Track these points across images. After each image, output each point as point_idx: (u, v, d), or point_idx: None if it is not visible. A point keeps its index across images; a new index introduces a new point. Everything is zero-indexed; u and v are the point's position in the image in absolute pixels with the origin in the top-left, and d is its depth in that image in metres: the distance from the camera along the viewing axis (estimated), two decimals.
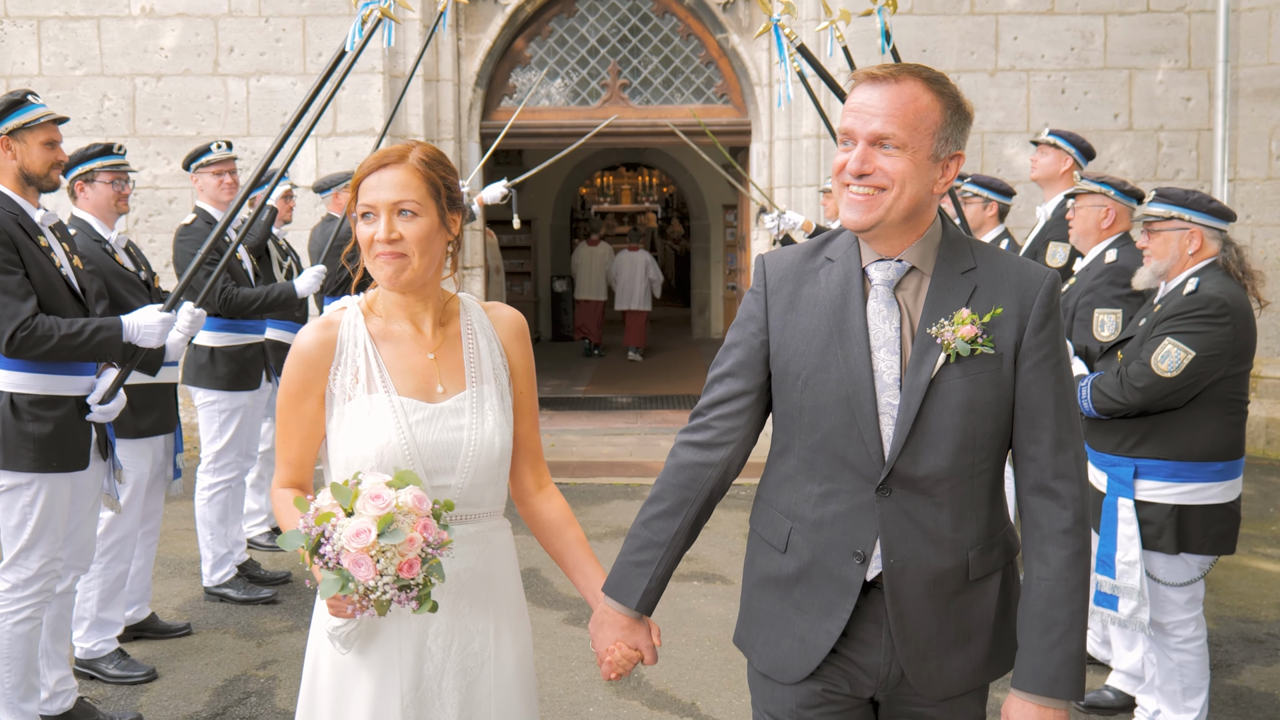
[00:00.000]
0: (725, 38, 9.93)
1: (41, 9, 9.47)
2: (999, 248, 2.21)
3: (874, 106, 2.10)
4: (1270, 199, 9.35)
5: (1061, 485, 2.17)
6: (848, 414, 2.17)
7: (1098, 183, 4.91)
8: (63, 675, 4.33)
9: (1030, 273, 2.19)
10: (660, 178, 25.05)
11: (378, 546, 2.04)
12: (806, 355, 2.22)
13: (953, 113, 2.13)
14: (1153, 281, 4.15)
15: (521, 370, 2.51)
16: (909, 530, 2.18)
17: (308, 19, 9.42)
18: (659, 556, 2.36)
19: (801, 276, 2.28)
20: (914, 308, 2.18)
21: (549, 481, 2.62)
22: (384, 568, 2.06)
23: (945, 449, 2.15)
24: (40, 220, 4.04)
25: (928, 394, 2.14)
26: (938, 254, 2.19)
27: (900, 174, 2.09)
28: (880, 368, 2.17)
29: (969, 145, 9.33)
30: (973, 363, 2.13)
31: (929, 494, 2.17)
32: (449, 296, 2.49)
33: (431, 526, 2.11)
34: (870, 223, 2.13)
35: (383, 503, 2.08)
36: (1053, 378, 2.16)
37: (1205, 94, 9.44)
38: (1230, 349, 3.90)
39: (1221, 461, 3.98)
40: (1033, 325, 2.15)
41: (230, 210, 4.19)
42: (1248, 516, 7.26)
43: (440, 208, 2.34)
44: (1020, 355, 2.16)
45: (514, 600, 2.49)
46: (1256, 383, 9.28)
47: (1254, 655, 5.10)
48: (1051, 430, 2.16)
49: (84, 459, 4.06)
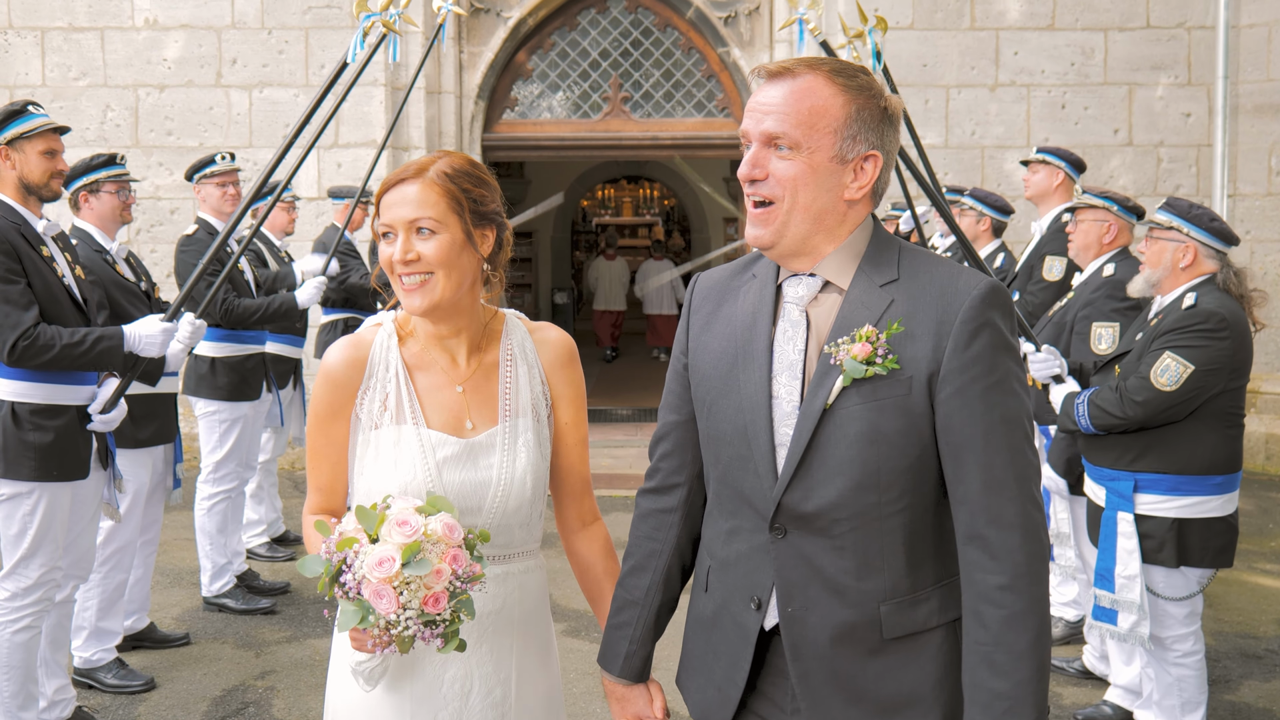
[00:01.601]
0: (726, 51, 9.97)
1: (45, 20, 9.51)
2: (939, 257, 1.95)
3: (767, 104, 1.89)
4: (1270, 214, 9.37)
5: (994, 533, 1.83)
6: (744, 445, 1.94)
7: (1100, 197, 4.92)
8: (61, 684, 4.33)
9: (959, 282, 1.87)
10: (661, 190, 25.10)
11: (401, 577, 1.89)
12: (712, 380, 2.02)
13: (861, 108, 1.87)
14: (1146, 290, 4.16)
15: (567, 399, 2.33)
16: (806, 576, 1.91)
17: (310, 31, 9.45)
18: (636, 617, 2.17)
19: (723, 295, 2.08)
20: (825, 327, 1.92)
21: (595, 518, 2.42)
22: (408, 600, 1.90)
23: (841, 484, 1.87)
24: (43, 230, 4.05)
25: (821, 421, 1.87)
26: (860, 265, 1.93)
27: (791, 179, 1.87)
28: (780, 394, 1.93)
29: (969, 159, 9.44)
30: (875, 387, 1.85)
31: (827, 535, 1.89)
32: (490, 315, 2.32)
33: (462, 558, 1.95)
34: (769, 240, 1.91)
35: (410, 530, 1.93)
36: (980, 405, 1.83)
37: (1205, 110, 9.47)
38: (1229, 364, 3.91)
39: (1220, 475, 3.99)
40: (955, 344, 1.83)
41: (231, 221, 4.21)
42: (1247, 532, 7.26)
43: (465, 224, 2.16)
44: (939, 379, 1.84)
45: (542, 644, 2.32)
46: (1256, 398, 9.29)
47: (1253, 671, 5.09)
48: (980, 468, 1.83)
49: (84, 468, 4.07)
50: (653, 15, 10.17)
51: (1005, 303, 1.88)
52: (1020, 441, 1.86)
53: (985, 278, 1.89)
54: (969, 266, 1.93)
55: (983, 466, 1.84)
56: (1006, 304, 1.88)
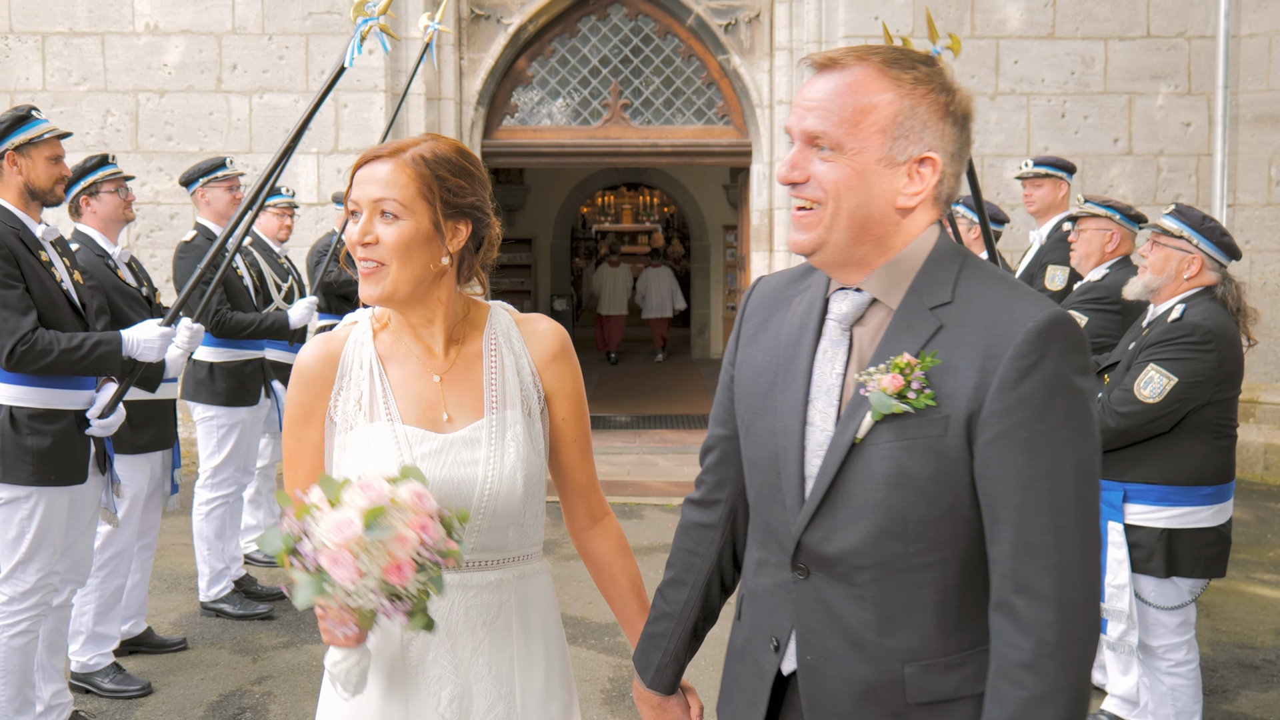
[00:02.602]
0: (727, 59, 9.98)
1: (46, 25, 9.52)
2: (1005, 277, 1.73)
3: (811, 99, 1.70)
4: (1269, 224, 9.38)
5: (1022, 602, 1.61)
6: (774, 473, 1.79)
7: (1102, 206, 4.93)
8: (58, 689, 4.32)
9: (1014, 310, 1.64)
10: (661, 197, 25.12)
11: (360, 542, 1.73)
12: (752, 397, 1.86)
13: (915, 104, 1.67)
14: (1143, 293, 4.17)
15: (561, 394, 2.16)
16: (826, 623, 1.75)
17: (310, 37, 9.47)
18: (671, 629, 2.07)
19: (777, 303, 1.90)
20: (868, 350, 1.73)
21: (605, 514, 2.28)
22: (367, 568, 1.74)
23: (864, 529, 1.69)
24: (41, 235, 4.06)
25: (849, 457, 1.69)
26: (912, 283, 1.72)
27: (834, 184, 1.67)
28: (815, 420, 1.75)
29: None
30: (908, 424, 1.65)
31: (849, 582, 1.72)
32: (471, 307, 2.16)
33: (431, 528, 1.78)
34: (809, 246, 1.72)
35: (374, 494, 1.78)
36: (1023, 455, 1.60)
37: (1205, 119, 9.48)
38: (1214, 376, 3.92)
39: (1211, 485, 4.00)
40: (1000, 383, 1.60)
41: (229, 226, 4.21)
42: (1245, 542, 7.26)
43: (434, 213, 2.00)
44: (979, 422, 1.62)
45: (550, 656, 2.17)
46: (1255, 408, 9.29)
47: (1250, 681, 5.09)
48: (1013, 528, 1.62)
49: (82, 473, 4.07)
50: (653, 22, 10.18)
51: (1070, 336, 1.63)
52: (1069, 502, 1.61)
53: (1047, 306, 1.64)
54: (1035, 291, 1.70)
55: (1017, 526, 1.62)
56: (1072, 338, 1.63)
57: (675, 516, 7.87)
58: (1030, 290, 1.70)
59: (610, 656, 5.22)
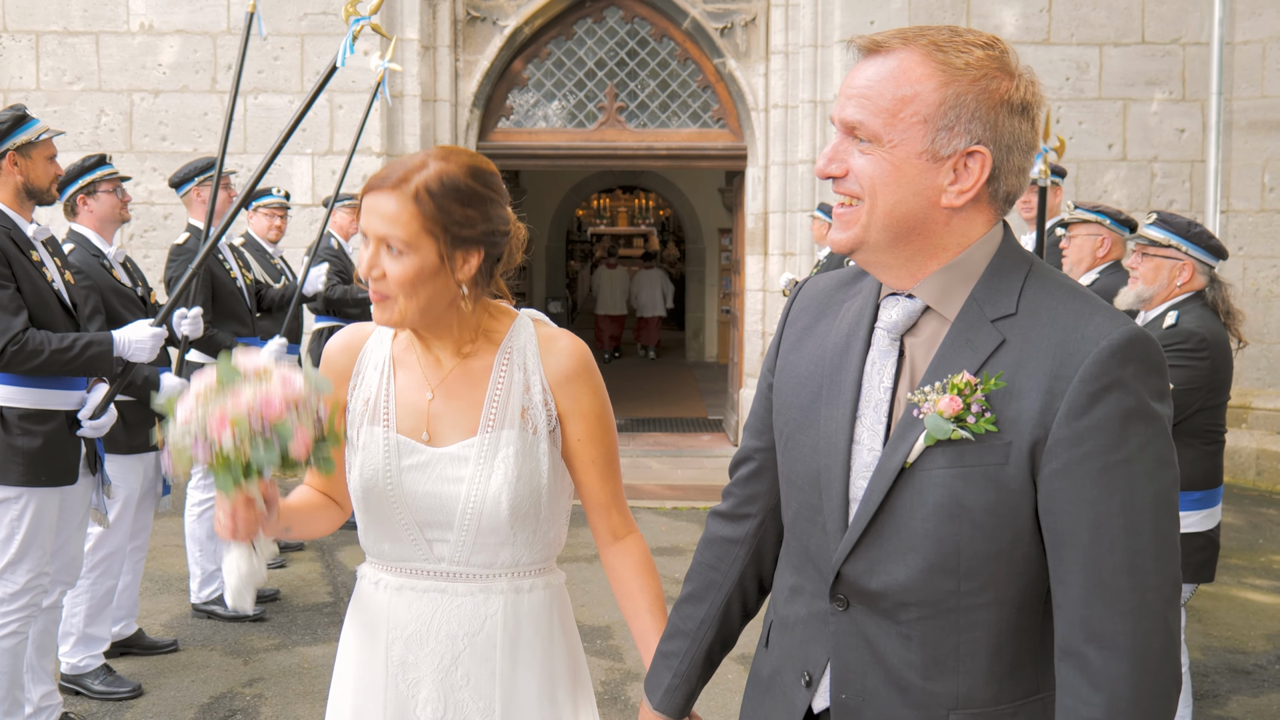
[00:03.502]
0: (722, 62, 9.99)
1: (40, 24, 9.50)
2: (1075, 288, 1.56)
3: (853, 87, 1.55)
4: (1262, 231, 9.40)
5: (1094, 653, 1.45)
6: (815, 493, 1.64)
7: (1093, 212, 4.94)
8: (48, 690, 4.31)
9: (1086, 327, 1.47)
10: (657, 200, 25.13)
11: (200, 395, 1.81)
12: (793, 409, 1.70)
13: (962, 92, 1.50)
14: (1135, 304, 4.17)
15: (577, 415, 2.08)
16: (867, 661, 1.60)
17: (306, 38, 9.46)
18: (684, 649, 1.91)
19: (824, 308, 1.74)
20: (922, 363, 1.58)
21: (628, 531, 2.20)
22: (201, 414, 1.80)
23: (913, 562, 1.54)
24: (33, 234, 4.05)
25: (898, 482, 1.54)
26: (972, 292, 1.55)
27: (870, 178, 1.53)
28: (863, 438, 1.60)
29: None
30: (966, 450, 1.49)
31: (893, 619, 1.57)
32: (493, 316, 2.11)
33: (276, 404, 1.80)
34: (848, 243, 1.58)
35: (244, 366, 1.84)
36: (1095, 488, 1.44)
37: (1199, 125, 9.50)
38: (1208, 383, 3.93)
39: (1199, 490, 4.01)
40: (1070, 407, 1.44)
41: (222, 225, 4.21)
42: (1237, 547, 7.27)
43: (440, 248, 1.94)
44: (1045, 450, 1.46)
45: (545, 674, 2.10)
46: (1247, 413, 9.30)
47: (1241, 686, 5.09)
48: (1084, 569, 1.46)
49: (73, 474, 4.06)
50: (649, 25, 10.19)
51: (1150, 358, 1.46)
52: (1147, 541, 1.44)
53: (1124, 323, 1.47)
54: (1110, 306, 1.54)
55: (1087, 567, 1.46)
56: (1152, 359, 1.47)
57: (669, 520, 7.87)
58: (1105, 304, 1.53)
59: (602, 660, 5.21)
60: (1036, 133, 1.56)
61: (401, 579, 2.09)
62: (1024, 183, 1.57)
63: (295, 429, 1.80)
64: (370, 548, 2.13)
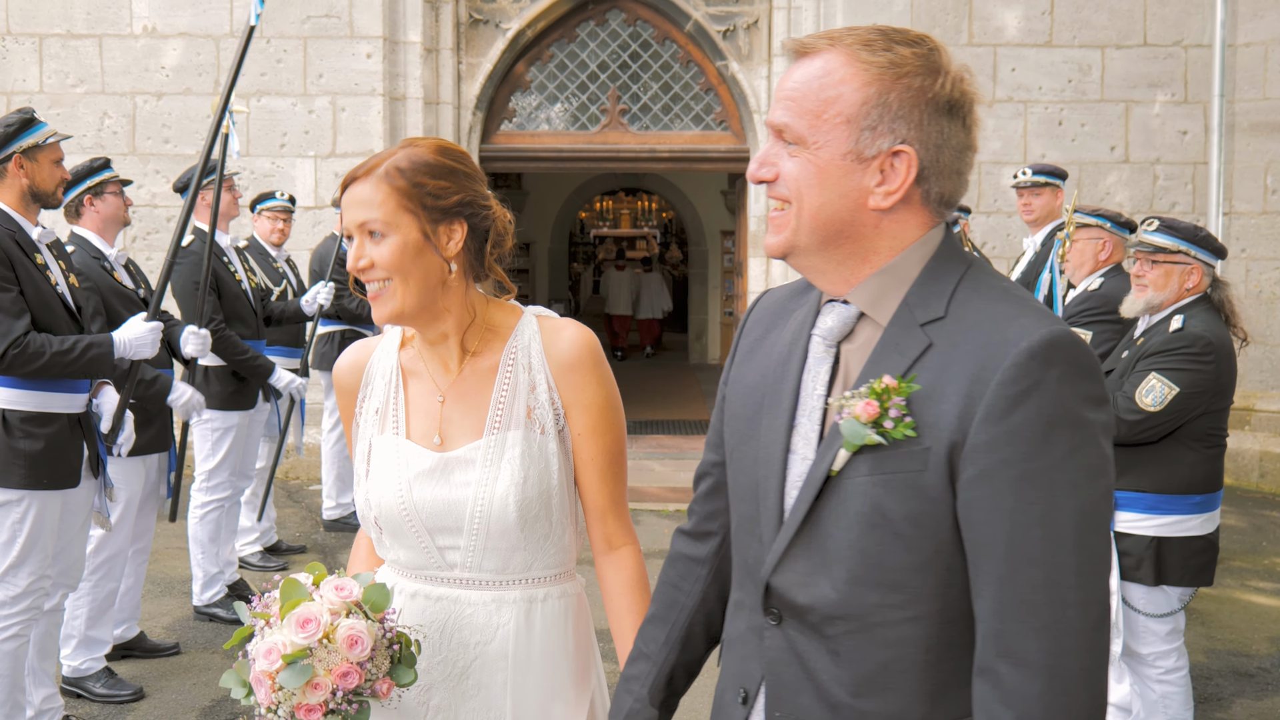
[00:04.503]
0: (725, 65, 9.99)
1: (44, 27, 9.51)
2: (1011, 290, 1.51)
3: (784, 89, 1.52)
4: (1265, 233, 9.39)
5: (1006, 670, 1.38)
6: (754, 504, 1.59)
7: (1093, 215, 4.94)
8: (49, 693, 4.31)
9: (1007, 330, 1.41)
10: (659, 203, 25.13)
11: (276, 680, 1.79)
12: (739, 420, 1.66)
13: (886, 89, 1.46)
14: (1145, 310, 4.17)
15: (580, 406, 2.03)
16: (798, 679, 1.54)
17: (309, 40, 9.46)
18: (645, 672, 1.82)
19: (777, 317, 1.70)
20: (855, 370, 1.53)
21: (624, 542, 2.13)
22: (280, 700, 1.79)
23: (838, 574, 1.47)
24: (37, 237, 4.06)
25: (823, 492, 1.48)
26: (905, 296, 1.50)
27: (798, 180, 1.49)
28: (798, 448, 1.55)
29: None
30: (886, 457, 1.44)
31: (822, 634, 1.50)
32: (497, 312, 2.10)
33: (354, 677, 1.79)
34: (780, 247, 1.54)
35: (306, 633, 1.79)
36: (1011, 498, 1.37)
37: (1202, 127, 9.49)
38: (1213, 387, 3.95)
39: (1200, 494, 4.02)
40: (987, 411, 1.38)
41: (181, 220, 4.23)
42: (1240, 549, 7.26)
43: (421, 223, 1.94)
44: (962, 457, 1.40)
45: (558, 686, 2.07)
46: (1250, 416, 9.29)
47: (1244, 689, 5.08)
48: (997, 583, 1.39)
49: (75, 476, 4.06)
50: (651, 28, 10.19)
51: (1076, 359, 1.39)
52: (1068, 554, 1.36)
53: (1050, 324, 1.41)
54: (1044, 307, 1.48)
55: (1003, 580, 1.38)
56: (1079, 361, 1.39)
57: (672, 522, 7.87)
58: (1038, 307, 1.47)
59: (606, 663, 5.21)
60: (970, 133, 1.52)
61: (416, 584, 2.08)
62: (961, 186, 1.53)
63: (376, 683, 1.84)
64: (385, 554, 2.13)
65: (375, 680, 1.83)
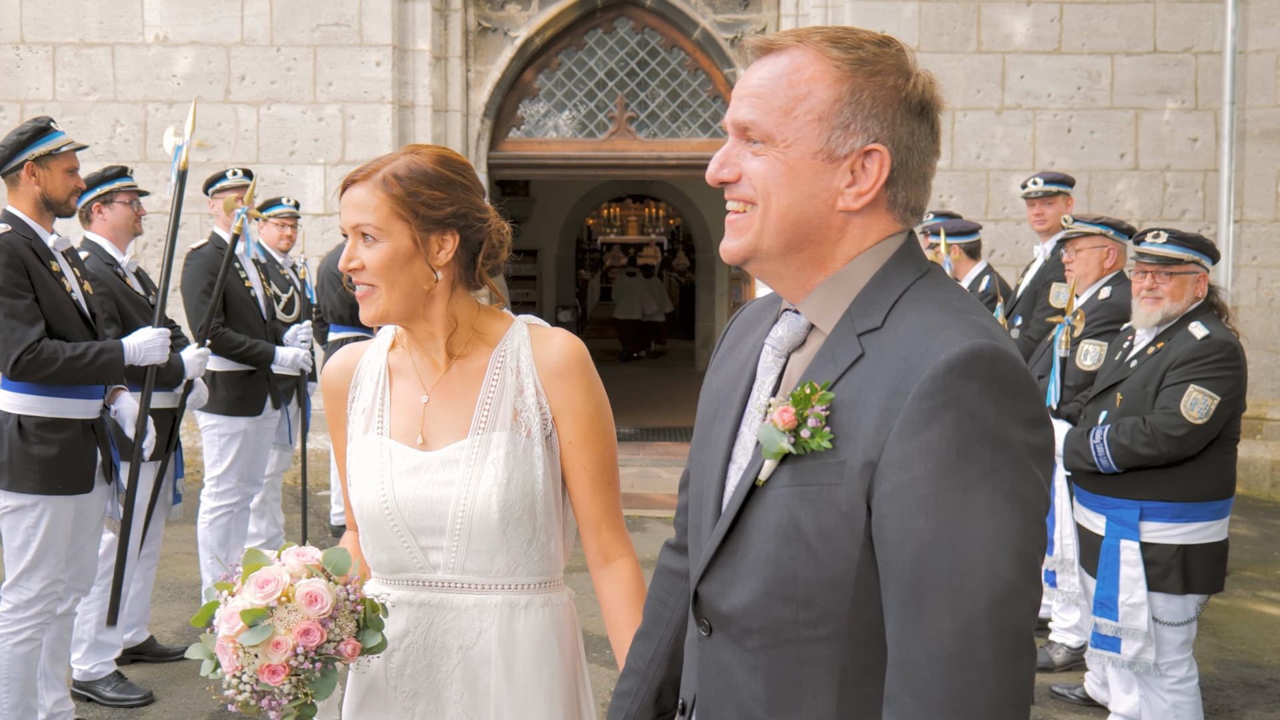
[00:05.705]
0: (733, 72, 10.00)
1: (57, 35, 9.56)
2: (950, 301, 1.42)
3: (747, 86, 1.47)
4: (1276, 241, 9.37)
5: (910, 703, 1.29)
6: (698, 511, 1.56)
7: (1095, 224, 4.94)
8: (60, 697, 4.32)
9: (930, 342, 1.34)
10: (666, 210, 25.15)
11: (236, 641, 1.80)
12: (699, 428, 1.64)
13: (858, 88, 1.41)
14: (1162, 322, 4.14)
15: (569, 414, 2.05)
16: (723, 691, 1.50)
17: (319, 49, 9.50)
18: (635, 688, 1.80)
19: (750, 325, 1.66)
20: (795, 381, 1.48)
21: (620, 554, 2.11)
22: (244, 664, 1.80)
23: (754, 586, 1.43)
24: (53, 245, 4.09)
25: (749, 501, 1.44)
26: (849, 305, 1.45)
27: (765, 180, 1.44)
28: (738, 457, 1.52)
29: (974, 181, 9.45)
30: (804, 467, 1.38)
31: (742, 646, 1.46)
32: (487, 319, 2.12)
33: (316, 634, 1.79)
34: (740, 251, 1.48)
35: (264, 592, 1.80)
36: (921, 518, 1.29)
37: (1212, 135, 9.48)
38: (1242, 392, 3.98)
39: (1220, 500, 4.03)
40: (902, 426, 1.31)
41: (171, 219, 4.24)
42: (1252, 560, 7.24)
43: (412, 231, 1.97)
44: (876, 473, 1.33)
45: (546, 693, 2.06)
46: (1262, 424, 9.26)
47: (1256, 700, 5.06)
48: (904, 605, 1.30)
49: (89, 482, 4.08)
50: (659, 36, 10.21)
51: (999, 374, 1.31)
52: (980, 583, 1.27)
53: (977, 336, 1.32)
54: (980, 320, 1.39)
55: (908, 605, 1.30)
56: (1002, 377, 1.31)
57: None
58: (971, 320, 1.38)
59: (610, 670, 5.21)
60: (936, 139, 1.48)
61: (400, 591, 2.08)
62: (925, 193, 1.48)
63: (341, 644, 1.84)
64: (369, 557, 2.13)
65: (339, 641, 1.83)
